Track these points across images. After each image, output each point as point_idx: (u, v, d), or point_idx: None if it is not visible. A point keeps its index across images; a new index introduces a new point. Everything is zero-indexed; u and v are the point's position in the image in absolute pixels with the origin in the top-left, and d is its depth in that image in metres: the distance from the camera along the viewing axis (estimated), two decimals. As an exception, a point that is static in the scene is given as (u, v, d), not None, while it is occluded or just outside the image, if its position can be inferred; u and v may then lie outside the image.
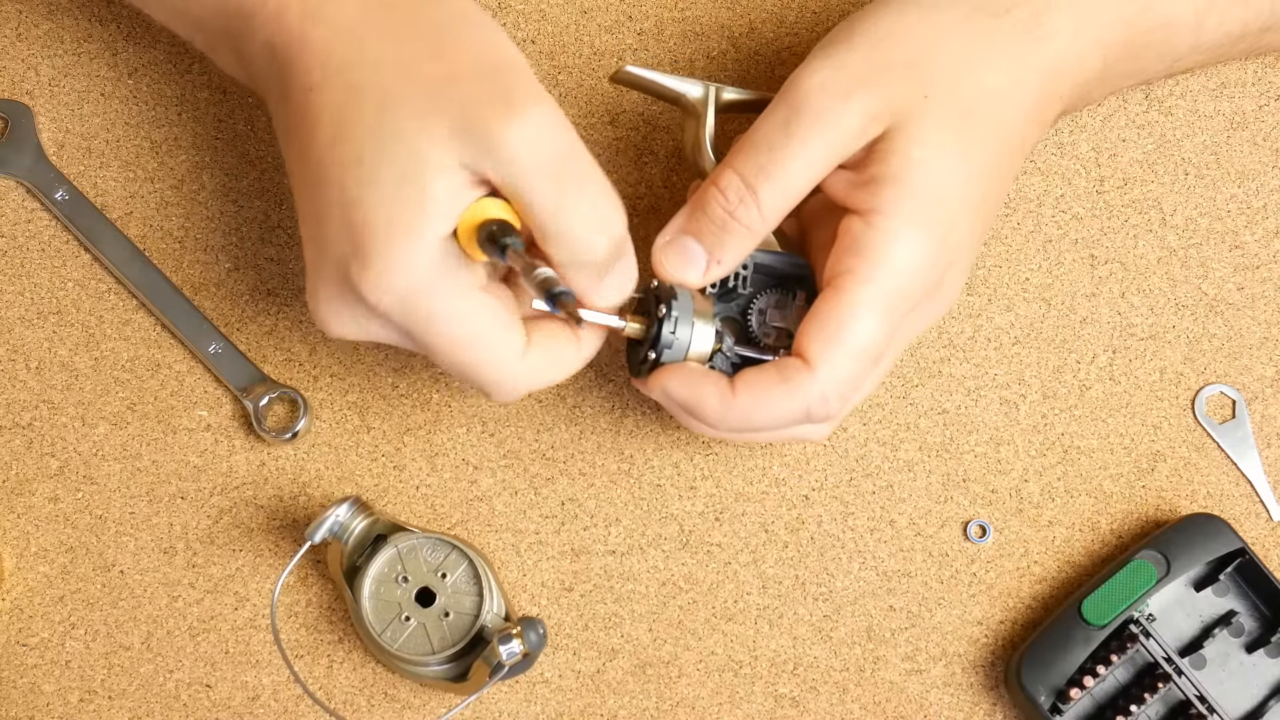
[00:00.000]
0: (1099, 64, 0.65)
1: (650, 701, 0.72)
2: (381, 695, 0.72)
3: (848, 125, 0.60)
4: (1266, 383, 0.74)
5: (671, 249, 0.63)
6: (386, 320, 0.59)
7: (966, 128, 0.61)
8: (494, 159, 0.56)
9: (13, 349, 0.73)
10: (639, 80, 0.68)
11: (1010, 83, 0.62)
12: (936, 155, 0.61)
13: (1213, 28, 0.67)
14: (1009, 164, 0.64)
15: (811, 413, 0.61)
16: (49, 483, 0.73)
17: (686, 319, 0.62)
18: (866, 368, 0.61)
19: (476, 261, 0.59)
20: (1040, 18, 0.63)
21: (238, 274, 0.74)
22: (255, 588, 0.72)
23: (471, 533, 0.72)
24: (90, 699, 0.72)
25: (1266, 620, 0.70)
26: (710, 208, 0.62)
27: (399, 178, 0.56)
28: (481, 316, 0.59)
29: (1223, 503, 0.73)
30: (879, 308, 0.60)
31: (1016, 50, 0.62)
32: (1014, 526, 0.73)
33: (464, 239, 0.58)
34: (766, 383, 0.61)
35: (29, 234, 0.74)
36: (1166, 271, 0.74)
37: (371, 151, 0.57)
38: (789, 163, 0.60)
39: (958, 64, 0.62)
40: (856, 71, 0.61)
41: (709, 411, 0.61)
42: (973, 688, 0.72)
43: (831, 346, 0.60)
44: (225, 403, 0.73)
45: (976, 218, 0.63)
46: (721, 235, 0.62)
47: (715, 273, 0.63)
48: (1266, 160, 0.75)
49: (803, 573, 0.72)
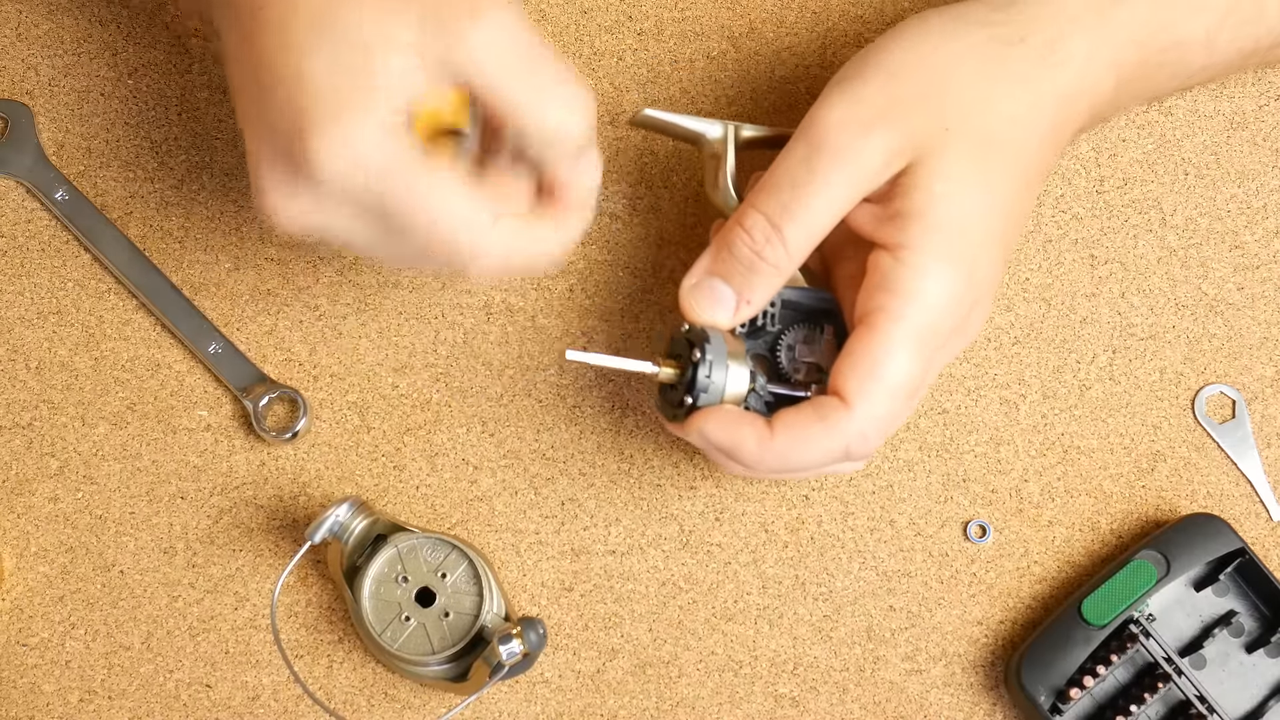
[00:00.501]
0: (1112, 86, 0.65)
1: (650, 701, 0.72)
2: (381, 695, 0.72)
3: (869, 160, 0.60)
4: (1266, 383, 0.74)
5: (699, 291, 0.63)
6: (341, 196, 0.56)
7: (987, 159, 0.61)
8: (465, 53, 0.56)
9: (13, 349, 0.73)
10: (658, 123, 0.68)
11: (1028, 110, 0.62)
12: (960, 189, 0.61)
13: (1225, 45, 0.66)
14: (1028, 193, 0.64)
15: (851, 451, 0.61)
16: (49, 483, 0.73)
17: (721, 361, 0.61)
18: (903, 404, 0.61)
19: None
20: (1055, 44, 0.62)
21: (238, 274, 0.74)
22: (255, 588, 0.72)
23: (471, 533, 0.72)
24: (90, 699, 0.72)
25: (1266, 620, 0.70)
26: (737, 248, 0.62)
27: (354, 48, 0.55)
28: (445, 182, 0.57)
29: (1223, 503, 0.73)
30: (913, 344, 0.60)
31: (1033, 77, 0.62)
32: (1014, 526, 0.73)
33: (424, 135, 0.57)
34: (805, 422, 0.60)
35: (29, 234, 0.74)
36: (1166, 271, 0.74)
37: (327, 34, 0.56)
38: (812, 200, 0.60)
39: (975, 94, 0.62)
40: (875, 106, 0.61)
41: (747, 454, 0.61)
42: (973, 688, 0.72)
43: (869, 384, 0.60)
44: (225, 403, 0.73)
45: (999, 249, 0.63)
46: (750, 275, 0.62)
47: (745, 313, 0.62)
48: (1266, 160, 0.75)
49: (803, 573, 0.72)
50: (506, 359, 0.74)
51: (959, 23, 0.63)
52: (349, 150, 0.55)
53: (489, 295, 0.74)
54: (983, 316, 0.64)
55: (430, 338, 0.74)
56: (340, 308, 0.74)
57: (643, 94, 0.75)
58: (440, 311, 0.74)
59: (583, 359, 0.63)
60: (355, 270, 0.74)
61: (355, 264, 0.74)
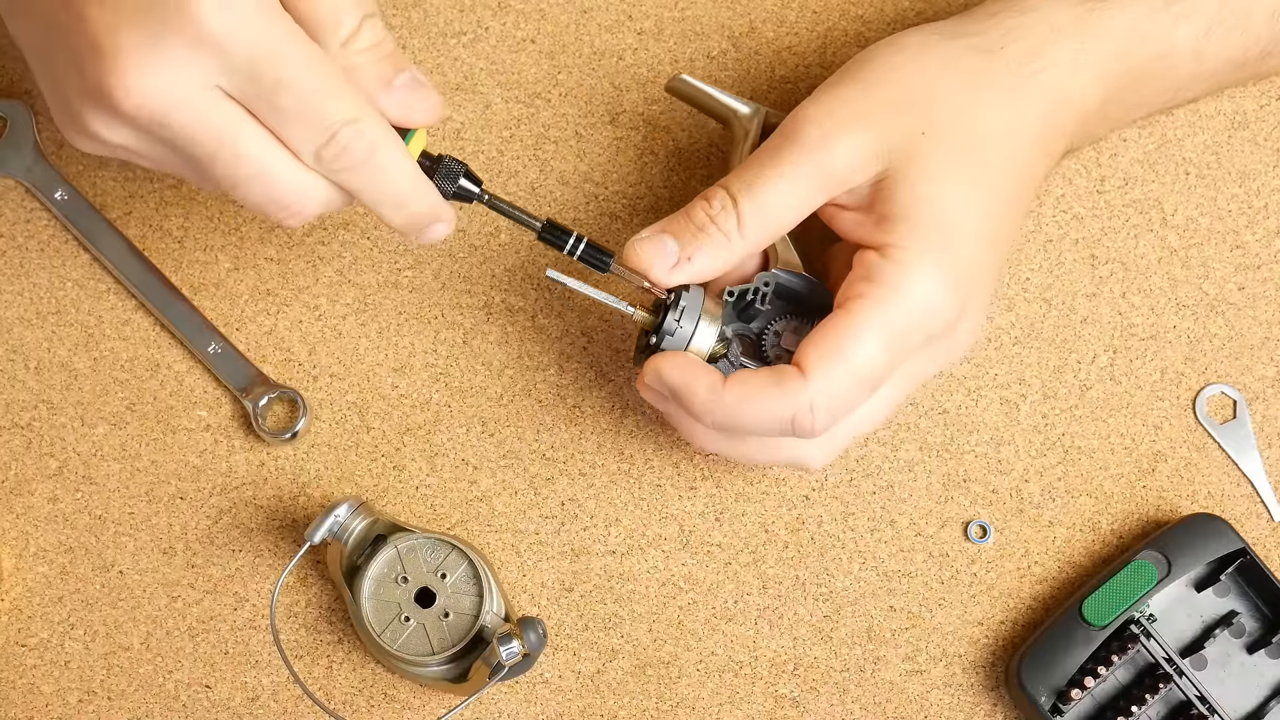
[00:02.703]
0: (1100, 96, 0.65)
1: (650, 702, 0.72)
2: (381, 695, 0.72)
3: (837, 157, 0.61)
4: (1268, 383, 0.73)
5: (646, 241, 0.64)
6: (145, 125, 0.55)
7: (970, 164, 0.62)
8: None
9: (12, 349, 0.73)
10: (692, 92, 0.70)
11: (1010, 118, 0.63)
12: (942, 191, 0.61)
13: (1212, 55, 0.67)
14: (1017, 201, 0.64)
15: (797, 421, 0.61)
16: (48, 483, 0.73)
17: (693, 313, 0.63)
18: (860, 389, 0.61)
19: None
20: (1036, 52, 0.63)
21: (237, 274, 0.74)
22: (255, 588, 0.72)
23: (471, 533, 0.72)
24: (90, 699, 0.71)
25: (1267, 621, 0.70)
26: (693, 212, 0.63)
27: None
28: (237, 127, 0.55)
29: (1223, 503, 0.73)
30: (884, 333, 0.60)
31: (1012, 86, 0.63)
32: (1014, 527, 0.73)
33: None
34: (758, 383, 0.61)
35: (28, 234, 0.74)
36: (1167, 271, 0.74)
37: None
38: (773, 183, 0.62)
39: (955, 101, 0.62)
40: (851, 108, 0.62)
41: (697, 401, 0.61)
42: (973, 688, 0.72)
43: (828, 359, 0.60)
44: (225, 403, 0.73)
45: (989, 255, 0.63)
46: (698, 236, 0.63)
47: (684, 271, 0.63)
48: (1267, 160, 0.75)
49: (803, 573, 0.72)
50: (506, 359, 0.73)
51: (938, 35, 0.64)
52: (155, 85, 0.53)
53: (489, 295, 0.74)
54: (974, 328, 0.65)
55: (430, 338, 0.74)
56: (340, 308, 0.74)
57: (642, 94, 0.75)
58: (440, 311, 0.74)
59: (562, 281, 0.64)
60: (355, 270, 0.74)
61: (355, 264, 0.74)
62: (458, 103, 0.75)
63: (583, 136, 0.75)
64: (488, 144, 0.75)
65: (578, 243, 0.63)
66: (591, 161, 0.75)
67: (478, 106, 0.75)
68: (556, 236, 0.63)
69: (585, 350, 0.73)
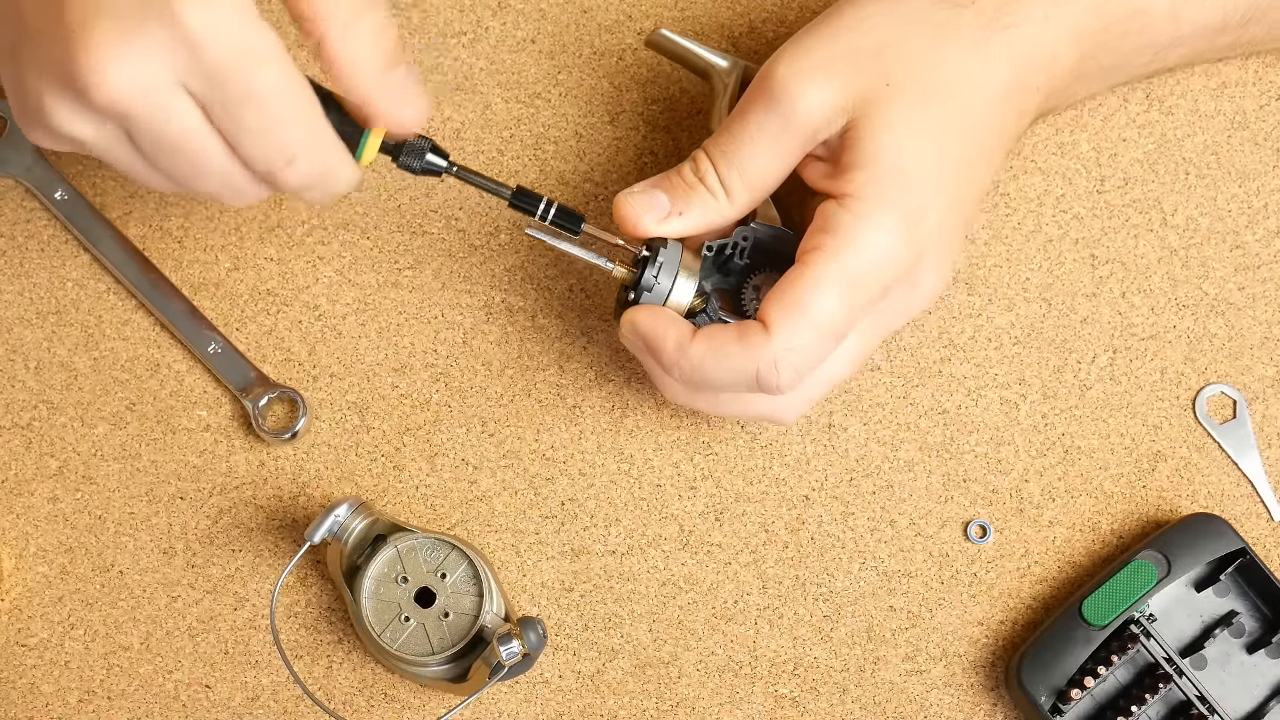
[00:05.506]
0: (1074, 55, 0.65)
1: (650, 702, 0.72)
2: (381, 695, 0.72)
3: (804, 111, 0.62)
4: (1267, 383, 0.73)
5: (637, 195, 0.64)
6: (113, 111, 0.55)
7: (933, 115, 0.62)
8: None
9: (12, 349, 0.73)
10: (672, 46, 0.70)
11: (977, 69, 0.63)
12: (903, 140, 0.62)
13: (1190, 18, 0.67)
14: (984, 154, 0.64)
15: (761, 376, 0.61)
16: (48, 483, 0.73)
17: (671, 267, 0.64)
18: (823, 341, 0.62)
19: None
20: (1007, 6, 0.63)
21: (237, 274, 0.74)
22: (255, 588, 0.72)
23: (471, 533, 0.72)
24: (89, 699, 0.71)
25: (1267, 620, 0.70)
26: (681, 171, 0.65)
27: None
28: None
29: (1223, 503, 0.73)
30: (843, 284, 0.61)
31: (981, 39, 0.63)
32: (1014, 527, 0.73)
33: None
34: (724, 338, 0.62)
35: (28, 234, 0.74)
36: (1167, 271, 0.74)
37: None
38: (748, 144, 0.63)
39: (920, 53, 0.63)
40: (816, 60, 0.62)
41: (666, 354, 0.62)
42: (973, 688, 0.72)
43: (790, 314, 0.61)
44: (224, 403, 0.73)
45: (951, 206, 0.63)
46: (687, 193, 0.64)
47: (675, 224, 0.64)
48: (1267, 160, 0.75)
49: (803, 573, 0.72)
50: (506, 359, 0.73)
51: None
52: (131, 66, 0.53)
53: (489, 295, 0.74)
54: (936, 279, 0.65)
55: (430, 338, 0.74)
56: (340, 308, 0.74)
57: (642, 94, 0.75)
58: (440, 311, 0.74)
59: (542, 238, 0.65)
60: (355, 270, 0.74)
61: (355, 264, 0.74)
62: (458, 103, 0.75)
63: (583, 136, 0.75)
64: (488, 144, 0.75)
65: (549, 207, 0.64)
66: (591, 161, 0.75)
67: (478, 106, 0.75)
68: (527, 202, 0.64)
69: (585, 350, 0.73)
